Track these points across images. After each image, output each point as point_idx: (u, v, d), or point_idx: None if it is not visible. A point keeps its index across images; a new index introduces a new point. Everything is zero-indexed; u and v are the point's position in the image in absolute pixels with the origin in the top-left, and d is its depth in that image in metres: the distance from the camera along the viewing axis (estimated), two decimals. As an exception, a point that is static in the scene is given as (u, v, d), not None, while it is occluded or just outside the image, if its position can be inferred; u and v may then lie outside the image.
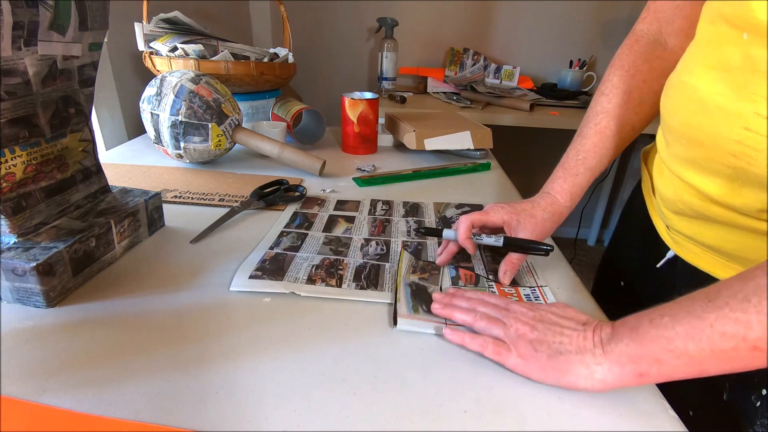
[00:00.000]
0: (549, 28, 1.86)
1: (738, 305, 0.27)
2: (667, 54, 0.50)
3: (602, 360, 0.32)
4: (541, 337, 0.35)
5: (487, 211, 0.50)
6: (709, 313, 0.28)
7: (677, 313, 0.30)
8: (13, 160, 0.41)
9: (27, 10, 0.38)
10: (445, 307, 0.42)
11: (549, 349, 0.35)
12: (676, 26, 0.49)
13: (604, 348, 0.33)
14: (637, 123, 0.51)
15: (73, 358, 0.35)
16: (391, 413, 0.32)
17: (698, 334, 0.28)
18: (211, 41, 0.93)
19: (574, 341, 0.34)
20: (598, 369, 0.32)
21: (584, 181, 0.52)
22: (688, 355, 0.29)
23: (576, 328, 0.35)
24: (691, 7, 0.47)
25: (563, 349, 0.34)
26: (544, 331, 0.36)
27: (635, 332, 0.31)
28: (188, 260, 0.50)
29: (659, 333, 0.30)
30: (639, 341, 0.31)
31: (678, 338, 0.29)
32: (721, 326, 0.27)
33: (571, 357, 0.34)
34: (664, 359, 0.30)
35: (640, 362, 0.31)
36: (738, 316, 0.27)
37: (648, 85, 0.50)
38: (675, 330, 0.29)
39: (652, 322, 0.31)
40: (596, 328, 0.35)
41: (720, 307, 0.28)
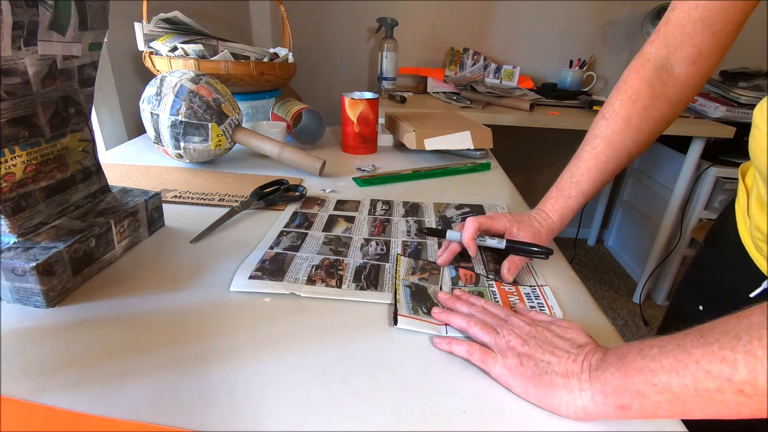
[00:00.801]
0: (549, 28, 1.86)
1: (727, 343, 0.25)
2: (672, 81, 0.50)
3: (586, 386, 0.31)
4: (530, 353, 0.35)
5: (493, 217, 0.51)
6: (698, 348, 0.26)
7: (667, 345, 0.28)
8: (13, 160, 0.41)
9: (27, 10, 0.38)
10: (443, 312, 0.42)
11: (536, 366, 0.34)
12: (685, 53, 0.49)
13: (591, 374, 0.31)
14: (634, 150, 0.52)
15: (73, 358, 0.35)
16: (391, 413, 0.32)
17: (683, 369, 0.26)
18: (211, 41, 0.93)
19: (562, 363, 0.33)
20: (581, 395, 0.31)
21: (575, 204, 0.52)
22: (671, 391, 0.27)
23: (569, 350, 0.34)
24: (702, 36, 0.47)
25: (550, 369, 0.33)
26: (534, 347, 0.35)
27: (622, 361, 0.30)
28: (188, 260, 0.50)
29: (645, 364, 0.28)
30: (624, 371, 0.29)
31: (662, 371, 0.27)
32: (706, 363, 0.26)
33: (555, 379, 0.32)
34: (646, 393, 0.28)
35: (622, 393, 0.29)
36: (725, 354, 0.25)
37: (648, 112, 0.51)
38: (660, 362, 0.27)
39: (640, 352, 0.29)
40: (589, 352, 0.33)
41: (710, 343, 0.26)
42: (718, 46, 0.48)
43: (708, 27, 0.47)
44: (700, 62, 0.49)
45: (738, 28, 0.47)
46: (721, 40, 0.47)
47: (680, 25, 0.48)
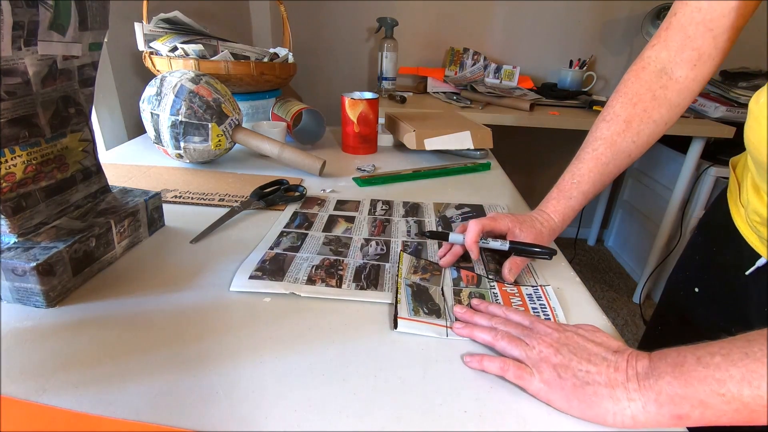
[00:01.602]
0: (549, 28, 1.86)
1: None
2: (673, 84, 0.51)
3: (636, 396, 0.30)
4: (566, 362, 0.33)
5: (495, 218, 0.51)
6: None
7: (731, 353, 0.27)
8: (13, 160, 0.41)
9: (27, 10, 0.38)
10: (465, 327, 0.40)
11: (575, 377, 0.32)
12: (686, 56, 0.49)
13: (640, 383, 0.30)
14: (634, 151, 0.52)
15: (73, 358, 0.35)
16: (391, 413, 0.32)
17: (757, 379, 0.26)
18: (211, 41, 0.93)
19: (603, 372, 0.32)
20: (630, 405, 0.30)
21: (576, 204, 0.53)
22: (741, 401, 0.26)
23: (606, 356, 0.33)
24: (702, 39, 0.48)
25: (591, 379, 0.32)
26: (569, 355, 0.33)
27: (679, 369, 0.29)
28: (188, 260, 0.50)
29: (709, 373, 0.27)
30: (684, 380, 0.28)
31: (732, 381, 0.27)
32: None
33: (599, 389, 0.31)
34: (710, 403, 0.27)
35: (681, 403, 0.28)
36: None
37: (648, 114, 0.51)
38: (729, 372, 0.27)
39: (700, 360, 0.28)
40: (630, 358, 0.32)
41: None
42: (718, 49, 0.48)
43: (709, 30, 0.47)
44: (700, 65, 0.49)
45: (737, 32, 0.47)
46: (721, 44, 0.48)
47: (682, 28, 0.49)
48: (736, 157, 0.57)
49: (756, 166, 0.46)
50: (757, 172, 0.46)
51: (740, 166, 0.55)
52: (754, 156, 0.45)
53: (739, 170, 0.54)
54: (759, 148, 0.43)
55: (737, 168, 0.55)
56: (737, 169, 0.55)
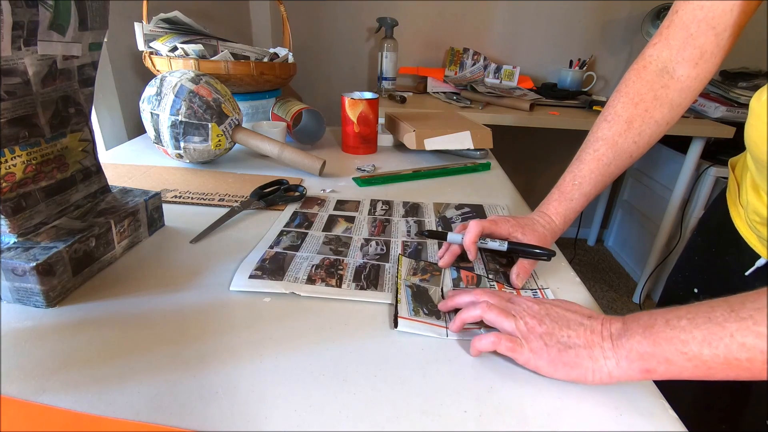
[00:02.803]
0: (549, 28, 1.86)
1: (762, 319, 0.28)
2: (674, 83, 0.51)
3: (611, 354, 0.33)
4: (550, 331, 0.36)
5: (496, 221, 0.51)
6: (731, 322, 0.29)
7: (695, 317, 0.30)
8: (13, 160, 0.41)
9: (27, 10, 0.38)
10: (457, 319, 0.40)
11: (558, 343, 0.35)
12: (687, 55, 0.49)
13: (614, 342, 0.33)
14: (635, 152, 0.52)
15: (73, 358, 0.35)
16: (391, 413, 0.32)
17: (716, 341, 0.29)
18: (211, 41, 0.93)
19: (582, 335, 0.35)
20: (606, 363, 0.33)
21: (578, 206, 0.53)
22: (701, 359, 0.29)
23: (582, 322, 0.36)
24: (705, 37, 0.48)
25: (572, 342, 0.35)
26: (552, 324, 0.36)
27: (649, 331, 0.32)
28: (188, 260, 0.50)
29: (675, 335, 0.30)
30: (652, 340, 0.31)
31: (694, 342, 0.30)
32: (741, 337, 0.28)
33: (579, 351, 0.34)
34: (674, 360, 0.30)
35: (650, 360, 0.32)
36: (761, 330, 0.28)
37: (650, 114, 0.51)
38: (692, 334, 0.30)
39: (668, 323, 0.31)
40: (604, 322, 0.35)
41: (743, 318, 0.28)
42: (719, 47, 0.48)
43: (712, 28, 0.47)
44: (702, 64, 0.49)
45: (739, 30, 0.47)
46: (723, 42, 0.47)
47: (684, 27, 0.49)
48: (735, 158, 0.57)
49: (756, 164, 0.46)
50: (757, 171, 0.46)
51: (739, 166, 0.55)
52: (755, 154, 0.45)
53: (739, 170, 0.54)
54: (760, 146, 0.43)
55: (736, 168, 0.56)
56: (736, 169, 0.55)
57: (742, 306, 0.29)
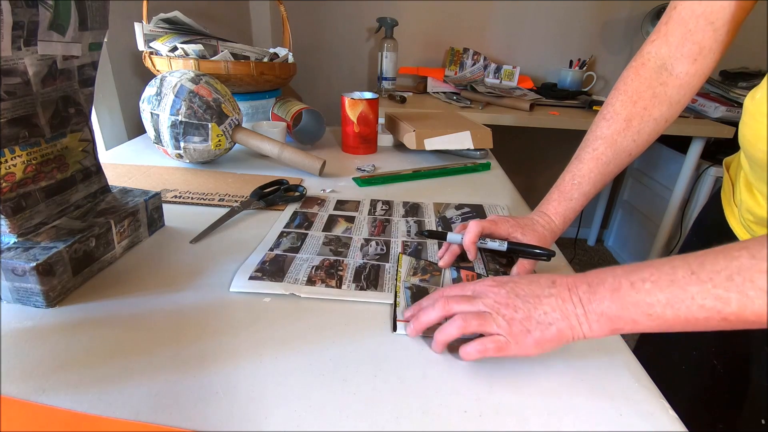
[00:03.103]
0: (549, 28, 1.86)
1: (722, 283, 0.29)
2: (673, 80, 0.50)
3: (583, 320, 0.34)
4: (527, 315, 0.35)
5: (496, 222, 0.51)
6: (692, 286, 0.30)
7: (659, 280, 0.32)
8: (13, 160, 0.41)
9: (27, 10, 0.38)
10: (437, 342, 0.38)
11: (538, 324, 0.35)
12: (686, 51, 0.49)
13: (585, 308, 0.34)
14: (634, 150, 0.52)
15: (73, 358, 0.35)
16: (391, 413, 0.32)
17: (678, 303, 0.31)
18: (211, 41, 0.93)
19: (556, 307, 0.35)
20: (581, 328, 0.35)
21: (578, 205, 0.53)
22: (664, 318, 0.31)
23: (550, 291, 0.36)
24: (703, 33, 0.48)
25: (550, 318, 0.35)
26: (525, 307, 0.36)
27: (616, 294, 0.33)
28: (188, 260, 0.50)
29: (641, 298, 0.32)
30: (620, 304, 0.33)
31: (658, 305, 0.31)
32: (701, 299, 0.30)
33: (560, 325, 0.35)
34: (640, 321, 0.32)
35: (617, 321, 0.33)
36: (719, 293, 0.29)
37: (648, 112, 0.51)
38: (657, 297, 0.31)
39: (633, 285, 0.33)
40: (570, 286, 0.36)
41: (703, 281, 0.30)
42: (718, 43, 0.48)
43: (710, 23, 0.47)
44: (701, 60, 0.49)
45: (738, 25, 0.47)
46: (721, 37, 0.47)
47: (683, 22, 0.49)
48: (730, 158, 0.57)
49: (750, 162, 0.46)
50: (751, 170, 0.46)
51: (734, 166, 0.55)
52: (749, 152, 0.45)
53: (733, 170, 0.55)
54: (754, 144, 0.43)
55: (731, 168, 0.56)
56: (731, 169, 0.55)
57: (702, 268, 0.31)
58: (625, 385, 0.36)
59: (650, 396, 0.35)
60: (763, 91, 0.42)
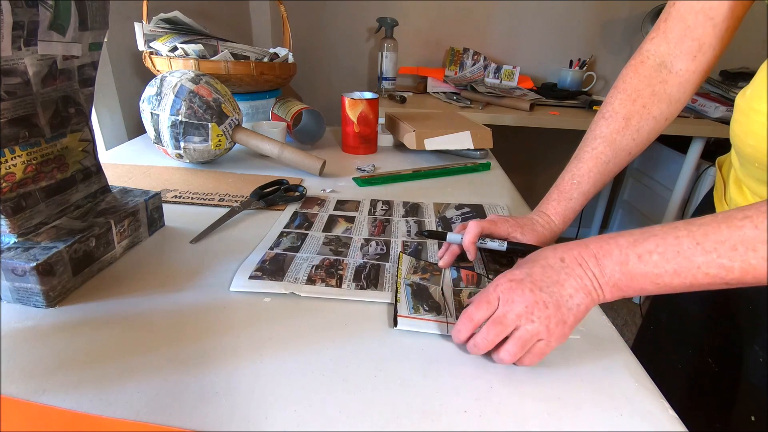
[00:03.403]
0: (549, 28, 1.86)
1: (726, 252, 0.31)
2: (673, 78, 0.50)
3: (599, 290, 0.36)
4: (558, 302, 0.36)
5: (495, 222, 0.51)
6: (698, 256, 0.32)
7: (665, 252, 0.33)
8: (13, 160, 0.41)
9: (27, 10, 0.38)
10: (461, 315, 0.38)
11: (569, 309, 0.36)
12: (685, 48, 0.49)
13: (599, 281, 0.36)
14: (634, 149, 0.52)
15: (73, 358, 0.35)
16: (391, 413, 0.32)
17: (685, 272, 0.32)
18: (211, 41, 0.93)
19: (576, 286, 0.36)
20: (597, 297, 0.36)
21: (577, 205, 0.53)
22: (671, 286, 0.33)
23: (563, 268, 0.37)
24: (703, 29, 0.47)
25: (578, 300, 0.36)
26: (552, 298, 0.35)
27: (625, 267, 0.34)
28: (188, 260, 0.50)
29: (649, 270, 0.33)
30: (630, 276, 0.34)
31: (666, 275, 0.33)
32: (706, 268, 0.32)
33: (586, 302, 0.36)
34: (648, 288, 0.34)
35: (626, 290, 0.35)
36: (723, 262, 0.31)
37: (648, 110, 0.51)
38: (665, 268, 0.33)
39: (640, 258, 0.34)
40: (580, 261, 0.36)
41: (708, 251, 0.32)
42: (718, 39, 0.48)
43: (709, 19, 0.47)
44: (700, 57, 0.49)
45: (737, 21, 0.47)
46: (721, 33, 0.47)
47: (681, 18, 0.48)
48: (722, 157, 0.57)
49: (740, 159, 0.46)
50: (741, 166, 0.47)
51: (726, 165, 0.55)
52: (738, 148, 0.45)
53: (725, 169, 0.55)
54: (743, 139, 0.43)
55: (723, 167, 0.56)
56: (723, 168, 0.56)
57: (706, 238, 0.32)
58: (625, 385, 0.36)
59: (650, 396, 0.35)
60: (754, 87, 0.42)
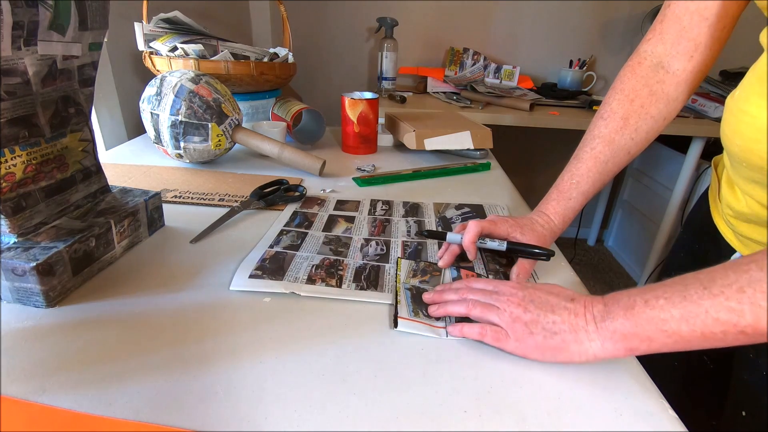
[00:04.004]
0: (549, 28, 1.86)
1: (733, 295, 0.29)
2: (670, 77, 0.51)
3: (595, 337, 0.34)
4: (535, 318, 0.37)
5: (495, 222, 0.51)
6: (705, 300, 0.30)
7: (672, 296, 0.32)
8: (13, 160, 0.41)
9: (27, 10, 0.38)
10: (440, 307, 0.42)
11: (544, 330, 0.36)
12: (682, 48, 0.49)
13: (598, 325, 0.35)
14: (633, 148, 0.52)
15: (73, 358, 0.35)
16: (391, 413, 0.32)
17: (693, 318, 0.31)
18: (211, 41, 0.93)
19: (566, 320, 0.36)
20: (591, 345, 0.35)
21: (577, 205, 0.53)
22: (680, 335, 0.31)
23: (566, 305, 0.37)
24: (698, 29, 0.48)
25: (558, 328, 0.36)
26: (536, 311, 0.37)
27: (630, 312, 0.33)
28: (188, 260, 0.50)
29: (655, 314, 0.32)
30: (634, 321, 0.33)
31: (673, 320, 0.31)
32: (715, 313, 0.30)
33: (565, 336, 0.35)
34: (655, 338, 0.32)
35: (632, 339, 0.33)
36: (732, 305, 0.29)
37: (645, 110, 0.51)
38: (671, 313, 0.31)
39: (647, 303, 0.33)
40: (587, 304, 0.36)
41: (716, 295, 0.30)
42: (714, 39, 0.48)
43: (704, 19, 0.47)
44: (697, 56, 0.49)
45: (733, 21, 0.47)
46: (717, 33, 0.47)
47: (677, 19, 0.49)
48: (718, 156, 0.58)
49: (729, 158, 0.47)
50: (731, 166, 0.47)
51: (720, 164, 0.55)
52: (727, 147, 0.45)
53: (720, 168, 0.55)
54: (731, 138, 0.44)
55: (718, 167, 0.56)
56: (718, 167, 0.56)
57: (713, 283, 0.31)
58: (625, 385, 0.36)
59: (650, 396, 0.35)
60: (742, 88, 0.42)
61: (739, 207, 0.47)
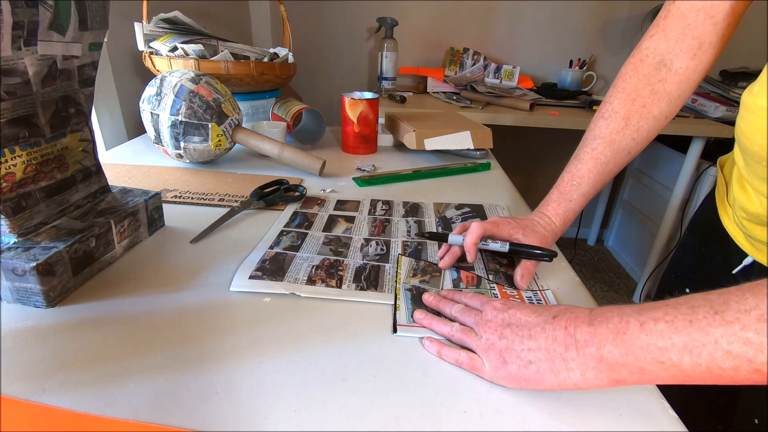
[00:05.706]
0: (549, 28, 1.86)
1: (752, 324, 0.24)
2: (672, 76, 0.50)
3: (574, 366, 0.30)
4: (509, 345, 0.34)
5: (497, 223, 0.51)
6: (716, 327, 0.25)
7: (675, 320, 0.27)
8: (13, 160, 0.41)
9: (27, 10, 0.38)
10: (425, 318, 0.41)
11: (518, 359, 0.33)
12: (685, 46, 0.48)
13: (579, 352, 0.30)
14: (634, 148, 0.52)
15: (73, 358, 0.35)
16: (391, 413, 0.32)
17: (699, 348, 0.25)
18: (211, 41, 0.93)
19: (542, 345, 0.32)
20: (570, 375, 0.31)
21: (577, 206, 0.52)
22: (680, 368, 0.26)
23: (545, 327, 0.33)
24: (703, 27, 0.47)
25: (533, 357, 0.32)
26: (511, 337, 0.34)
27: (621, 337, 0.28)
28: (188, 260, 0.50)
29: (651, 341, 0.27)
30: (625, 348, 0.28)
31: (673, 350, 0.26)
32: (727, 344, 0.25)
33: (540, 366, 0.32)
34: (649, 369, 0.27)
35: (620, 370, 0.29)
36: (750, 336, 0.24)
37: (647, 109, 0.50)
38: (671, 340, 0.26)
39: (643, 326, 0.28)
40: (568, 326, 0.32)
41: (730, 322, 0.25)
42: (718, 37, 0.47)
43: (710, 17, 0.46)
44: (701, 55, 0.48)
45: (738, 19, 0.46)
46: (721, 31, 0.47)
47: (682, 16, 0.48)
48: (724, 157, 0.57)
49: (745, 157, 0.45)
50: (746, 165, 0.46)
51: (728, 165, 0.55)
52: (745, 146, 0.44)
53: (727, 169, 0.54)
54: (750, 137, 0.43)
55: (725, 168, 0.55)
56: (725, 168, 0.55)
57: (727, 307, 0.25)
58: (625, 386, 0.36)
59: (650, 396, 0.35)
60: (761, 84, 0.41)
61: (753, 208, 0.46)
